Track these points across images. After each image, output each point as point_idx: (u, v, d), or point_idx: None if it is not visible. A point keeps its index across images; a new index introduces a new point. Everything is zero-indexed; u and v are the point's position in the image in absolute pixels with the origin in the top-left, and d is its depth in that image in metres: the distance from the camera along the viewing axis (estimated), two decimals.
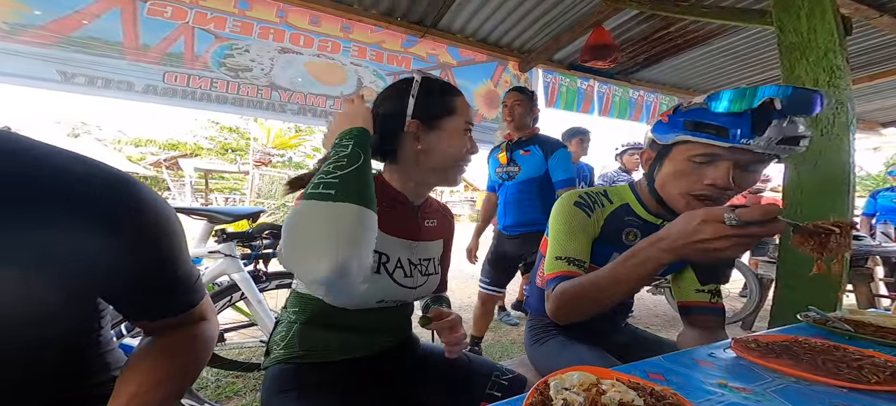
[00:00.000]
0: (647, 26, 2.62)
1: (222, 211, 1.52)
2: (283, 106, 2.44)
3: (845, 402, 0.39)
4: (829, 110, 1.16)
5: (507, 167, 1.77)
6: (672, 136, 0.67)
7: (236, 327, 1.73)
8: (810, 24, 1.19)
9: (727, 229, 0.45)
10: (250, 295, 1.45)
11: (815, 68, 1.18)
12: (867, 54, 2.75)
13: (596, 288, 0.63)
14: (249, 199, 8.35)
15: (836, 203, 1.14)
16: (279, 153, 13.45)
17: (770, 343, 0.56)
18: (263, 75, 2.39)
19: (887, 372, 0.45)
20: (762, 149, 0.58)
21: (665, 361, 0.51)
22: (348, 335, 0.66)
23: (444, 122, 0.65)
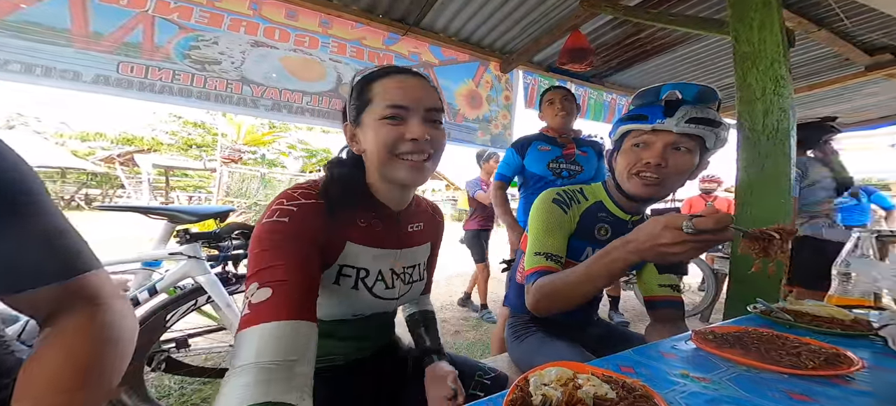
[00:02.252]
0: (620, 31, 2.73)
1: (185, 210, 1.44)
2: (255, 101, 2.33)
3: (788, 387, 0.44)
4: (775, 116, 1.27)
5: (570, 165, 1.75)
6: (617, 131, 0.82)
7: (202, 332, 1.64)
8: (761, 36, 1.30)
9: (684, 236, 0.51)
10: (218, 298, 1.39)
11: (764, 77, 1.29)
12: (807, 66, 3.03)
13: (572, 284, 0.69)
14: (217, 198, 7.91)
15: (779, 203, 1.25)
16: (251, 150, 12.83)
17: (725, 334, 0.61)
18: (234, 69, 2.27)
19: (821, 358, 0.51)
20: (675, 127, 0.71)
21: (634, 354, 0.55)
22: (326, 342, 0.64)
23: (364, 116, 0.59)
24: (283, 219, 0.51)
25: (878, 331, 0.65)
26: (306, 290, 0.48)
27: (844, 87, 3.24)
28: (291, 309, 0.45)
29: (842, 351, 0.53)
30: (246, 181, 8.21)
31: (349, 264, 0.60)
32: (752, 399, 0.41)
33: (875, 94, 3.46)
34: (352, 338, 0.68)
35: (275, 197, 0.55)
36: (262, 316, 0.44)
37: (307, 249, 0.51)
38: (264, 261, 0.48)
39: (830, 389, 0.44)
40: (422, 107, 0.57)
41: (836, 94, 3.50)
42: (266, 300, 0.45)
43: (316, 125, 2.59)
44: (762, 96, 1.28)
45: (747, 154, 1.32)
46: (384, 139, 0.56)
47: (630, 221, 0.86)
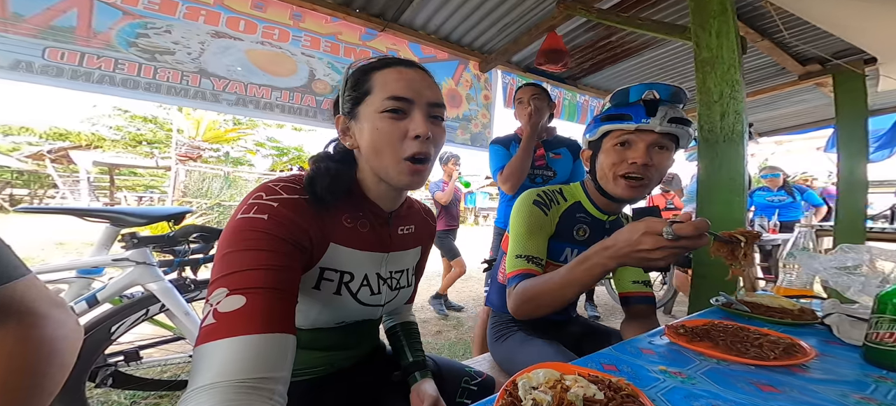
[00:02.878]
0: (593, 34, 2.83)
1: (130, 212, 1.32)
2: (216, 95, 2.16)
3: (755, 379, 0.47)
4: (731, 119, 1.37)
5: (543, 171, 1.67)
6: (597, 131, 0.81)
7: (157, 343, 1.52)
8: (719, 42, 1.38)
9: (664, 241, 0.52)
10: (174, 306, 1.29)
11: (721, 82, 1.38)
12: (750, 73, 3.31)
13: (552, 289, 0.69)
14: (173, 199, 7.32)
15: (734, 200, 1.35)
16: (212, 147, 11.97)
17: (693, 327, 0.64)
18: (191, 60, 2.09)
19: (780, 348, 0.55)
20: (658, 127, 0.73)
21: (615, 352, 0.56)
22: (306, 353, 0.60)
23: (360, 109, 0.54)
24: (261, 215, 0.45)
25: (822, 320, 0.72)
26: (286, 299, 0.43)
27: (780, 94, 3.58)
28: (269, 320, 0.39)
29: (796, 340, 0.58)
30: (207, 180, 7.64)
31: (332, 267, 0.55)
32: (725, 393, 0.44)
33: (806, 101, 3.86)
34: (333, 347, 0.63)
35: (251, 190, 0.49)
36: (232, 327, 0.38)
37: (288, 251, 0.45)
38: (237, 263, 0.42)
39: (792, 379, 0.48)
40: (425, 101, 0.53)
41: (774, 101, 3.86)
42: (237, 309, 0.39)
43: (286, 122, 2.48)
44: (719, 99, 1.37)
45: (706, 155, 1.41)
46: (387, 134, 0.52)
47: (607, 221, 0.89)
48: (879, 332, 0.53)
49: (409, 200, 0.70)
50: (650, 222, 0.54)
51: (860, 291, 0.79)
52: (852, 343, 0.62)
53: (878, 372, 0.51)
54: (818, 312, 0.76)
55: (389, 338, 0.78)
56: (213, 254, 0.48)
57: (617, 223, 0.90)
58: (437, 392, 0.66)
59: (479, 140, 3.26)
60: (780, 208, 3.78)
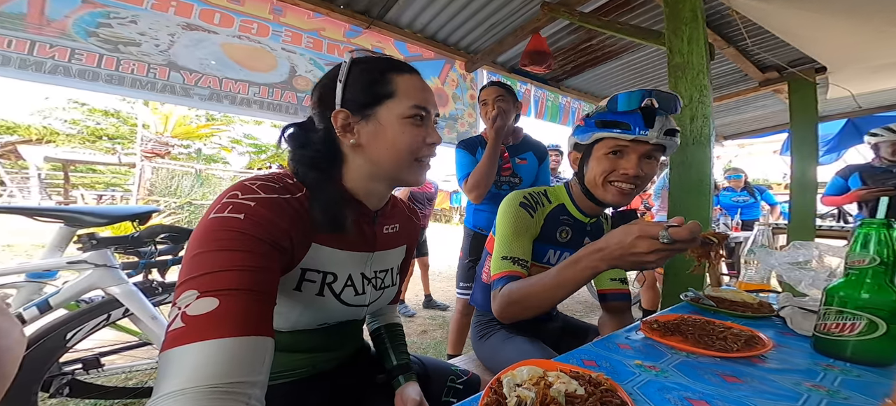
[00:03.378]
0: (575, 37, 2.90)
1: (88, 211, 1.24)
2: (187, 89, 2.05)
3: (721, 370, 0.51)
4: (699, 122, 1.44)
5: (509, 178, 1.60)
6: (590, 136, 0.80)
7: (121, 349, 1.45)
8: (690, 48, 1.46)
9: (659, 245, 0.52)
10: (140, 311, 1.23)
11: (691, 86, 1.46)
12: (717, 79, 3.51)
13: (541, 291, 0.69)
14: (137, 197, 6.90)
15: (701, 200, 1.44)
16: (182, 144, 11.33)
17: (666, 322, 0.68)
18: (158, 52, 1.98)
19: (742, 340, 0.59)
20: (655, 139, 0.72)
21: (595, 347, 0.59)
22: (286, 356, 0.58)
23: (379, 109, 0.54)
24: (236, 215, 0.43)
25: (778, 312, 0.78)
26: (263, 301, 0.41)
27: (743, 99, 3.81)
28: (244, 323, 0.37)
29: (755, 333, 0.63)
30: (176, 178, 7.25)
31: (314, 268, 0.54)
32: (694, 384, 0.47)
33: (765, 106, 4.13)
34: (315, 349, 0.62)
35: (225, 189, 0.47)
36: (203, 331, 0.35)
37: (266, 251, 0.43)
38: (209, 264, 0.39)
39: (752, 369, 0.52)
40: (435, 111, 0.59)
41: (737, 105, 4.10)
42: (209, 312, 0.36)
43: (265, 119, 2.38)
44: (690, 104, 1.45)
45: (677, 156, 1.48)
46: (410, 141, 0.55)
47: (588, 224, 0.91)
48: (827, 323, 0.59)
49: (394, 199, 0.70)
50: (644, 226, 0.55)
51: (810, 285, 0.86)
52: (804, 334, 0.68)
53: (826, 360, 0.56)
54: (774, 305, 0.82)
55: (373, 340, 0.77)
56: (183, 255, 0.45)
57: (597, 225, 0.93)
58: (420, 395, 0.66)
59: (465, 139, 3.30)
60: (743, 208, 4.03)
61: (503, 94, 1.55)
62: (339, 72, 0.55)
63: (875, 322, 0.54)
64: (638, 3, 2.33)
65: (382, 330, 0.76)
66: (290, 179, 0.52)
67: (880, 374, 0.51)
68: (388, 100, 0.54)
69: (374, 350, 0.77)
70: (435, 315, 3.05)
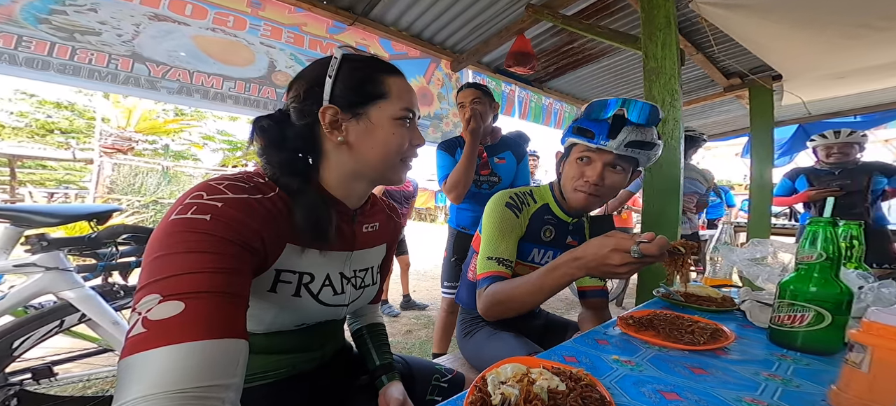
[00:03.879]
0: (558, 39, 2.96)
1: (38, 210, 1.17)
2: (154, 82, 1.94)
3: (689, 363, 0.54)
4: (671, 125, 1.52)
5: (488, 177, 1.63)
6: (567, 140, 0.86)
7: (78, 356, 1.37)
8: (663, 53, 1.53)
9: (630, 258, 0.57)
10: (98, 316, 1.16)
11: (664, 90, 1.53)
12: (687, 84, 3.69)
13: (522, 294, 0.73)
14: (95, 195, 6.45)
15: (671, 200, 1.51)
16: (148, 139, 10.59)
17: (640, 317, 0.72)
18: (121, 42, 1.85)
19: (708, 334, 0.63)
20: (615, 149, 0.76)
21: (575, 344, 0.61)
22: (262, 358, 0.57)
23: (371, 109, 0.54)
24: (202, 215, 0.41)
25: (739, 306, 0.84)
26: (234, 303, 0.39)
27: (708, 104, 4.03)
28: (213, 326, 0.36)
29: (719, 326, 0.67)
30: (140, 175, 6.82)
31: (289, 269, 0.52)
32: (666, 377, 0.50)
33: (729, 111, 4.38)
34: (293, 350, 0.61)
35: (188, 189, 0.45)
36: (168, 335, 0.34)
37: (236, 253, 0.42)
38: (172, 267, 0.37)
39: (717, 361, 0.56)
40: (418, 114, 0.61)
41: (703, 110, 4.33)
42: (175, 316, 0.35)
43: (241, 114, 2.27)
44: (662, 107, 1.52)
45: None
46: (400, 142, 0.56)
47: (571, 224, 0.94)
48: (780, 316, 0.64)
49: (374, 198, 0.69)
50: (618, 240, 0.59)
51: (766, 280, 0.93)
52: (761, 326, 0.73)
53: (780, 351, 0.61)
54: (736, 300, 0.88)
55: (355, 341, 0.77)
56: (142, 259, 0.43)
57: (579, 226, 0.97)
58: (404, 395, 0.66)
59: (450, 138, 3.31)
60: (709, 207, 4.27)
61: (479, 97, 1.57)
62: (329, 67, 0.54)
63: (822, 313, 0.59)
64: (617, 7, 2.41)
65: (364, 330, 0.75)
66: (262, 179, 0.51)
67: (827, 362, 0.56)
68: (380, 100, 0.55)
69: (356, 350, 0.77)
70: (419, 315, 3.05)
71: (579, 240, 0.96)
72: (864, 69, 2.23)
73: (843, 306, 0.59)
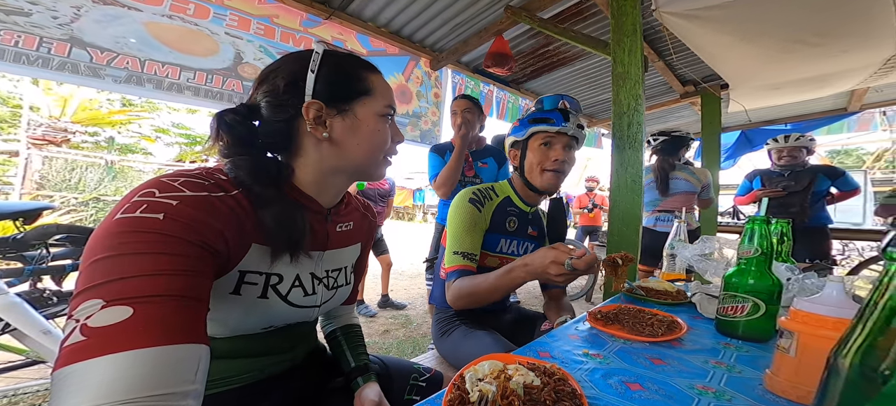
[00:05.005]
0: (535, 42, 3.03)
1: None
2: (96, 69, 1.77)
3: (650, 354, 0.59)
4: (634, 128, 1.61)
5: (472, 179, 1.85)
6: (525, 132, 0.97)
7: (1, 370, 1.26)
8: (630, 59, 1.62)
9: (564, 270, 0.71)
10: (25, 324, 1.07)
11: (629, 95, 1.62)
12: (648, 90, 3.92)
13: (484, 291, 0.84)
14: (21, 192, 5.75)
15: (634, 199, 1.61)
16: (87, 131, 9.50)
17: (607, 312, 0.76)
18: (57, 26, 1.67)
19: (664, 326, 0.68)
20: (570, 131, 0.93)
21: (548, 339, 0.64)
22: (227, 363, 0.54)
23: (356, 105, 0.54)
24: (154, 214, 0.38)
25: (690, 298, 0.91)
26: (191, 307, 0.37)
27: (666, 109, 4.32)
28: (166, 331, 0.33)
29: (674, 318, 0.73)
30: (78, 170, 6.16)
31: (255, 270, 0.49)
32: (630, 368, 0.54)
33: (683, 116, 4.72)
34: (261, 354, 0.58)
35: (136, 187, 0.41)
36: (113, 342, 0.31)
37: (195, 254, 0.39)
38: (117, 270, 0.34)
39: (672, 351, 0.60)
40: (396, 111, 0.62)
41: (662, 115, 4.63)
42: (121, 322, 0.32)
43: (202, 107, 2.13)
44: (627, 111, 1.61)
45: (617, 159, 1.65)
46: (385, 138, 0.58)
47: (529, 213, 1.05)
48: (725, 307, 0.70)
49: (348, 197, 0.68)
50: (558, 253, 0.72)
51: (714, 274, 1.02)
52: (710, 316, 0.81)
53: (726, 339, 0.68)
54: (688, 293, 0.96)
55: (329, 343, 0.75)
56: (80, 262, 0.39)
57: (535, 215, 1.08)
58: (380, 396, 0.65)
59: (429, 137, 3.29)
60: None
61: (471, 107, 1.82)
62: (310, 62, 0.52)
63: (758, 304, 0.66)
64: (589, 13, 2.52)
65: (338, 332, 0.74)
66: (223, 175, 0.47)
67: (763, 349, 0.63)
68: (365, 96, 0.55)
69: (330, 352, 0.75)
70: (397, 315, 3.02)
71: (537, 229, 1.08)
72: (797, 81, 2.48)
73: (774, 296, 0.66)
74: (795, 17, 1.72)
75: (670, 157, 2.43)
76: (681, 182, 2.40)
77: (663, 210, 2.41)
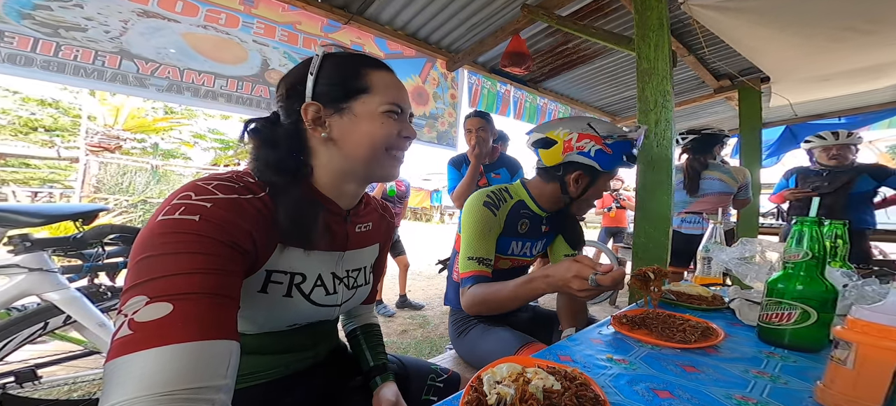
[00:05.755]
0: (552, 40, 2.97)
1: (20, 210, 1.15)
2: (142, 79, 1.91)
3: (681, 361, 0.55)
4: (662, 126, 1.54)
5: None
6: (613, 166, 0.92)
7: (63, 359, 1.35)
8: (656, 54, 1.55)
9: (587, 285, 0.66)
10: (84, 317, 1.15)
11: (656, 91, 1.55)
12: (678, 85, 3.74)
13: (501, 299, 0.82)
14: (80, 195, 6.31)
15: (664, 201, 1.54)
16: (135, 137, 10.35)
17: (633, 316, 0.73)
18: (108, 39, 1.82)
19: (698, 332, 0.64)
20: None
21: (569, 343, 0.62)
22: (253, 359, 0.56)
23: (354, 104, 0.54)
24: (190, 216, 0.41)
25: (728, 304, 0.85)
26: (225, 305, 0.39)
27: (698, 106, 4.09)
28: (202, 327, 0.36)
29: (710, 324, 0.68)
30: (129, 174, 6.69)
31: (281, 269, 0.52)
32: (659, 375, 0.51)
33: (717, 113, 4.45)
34: (285, 351, 0.60)
35: (176, 190, 0.44)
36: (156, 337, 0.33)
37: (227, 254, 0.42)
38: (159, 268, 0.37)
39: (707, 359, 0.56)
40: (409, 111, 0.60)
41: (693, 111, 4.40)
42: (163, 317, 0.35)
43: (233, 113, 2.25)
44: (654, 107, 1.54)
45: (644, 157, 1.58)
46: (386, 134, 0.55)
47: (545, 217, 1.02)
48: (768, 314, 0.65)
49: (367, 197, 0.69)
50: (580, 268, 0.67)
51: (755, 278, 0.95)
52: (750, 323, 0.75)
53: (769, 348, 0.63)
54: (725, 298, 0.90)
55: (350, 341, 0.76)
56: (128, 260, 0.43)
57: (550, 218, 1.05)
58: (397, 396, 0.66)
59: (445, 138, 3.29)
60: None
61: (484, 125, 1.92)
62: (310, 65, 0.54)
63: (808, 311, 0.60)
64: (611, 8, 2.43)
65: (358, 331, 0.75)
66: (252, 178, 0.50)
67: (813, 359, 0.58)
68: (363, 94, 0.55)
69: (350, 351, 0.76)
70: (415, 315, 3.04)
71: (553, 227, 1.05)
72: (849, 71, 2.28)
73: (828, 304, 0.61)
74: (842, 4, 1.59)
75: (702, 155, 2.28)
76: (714, 182, 2.23)
77: (691, 211, 2.26)
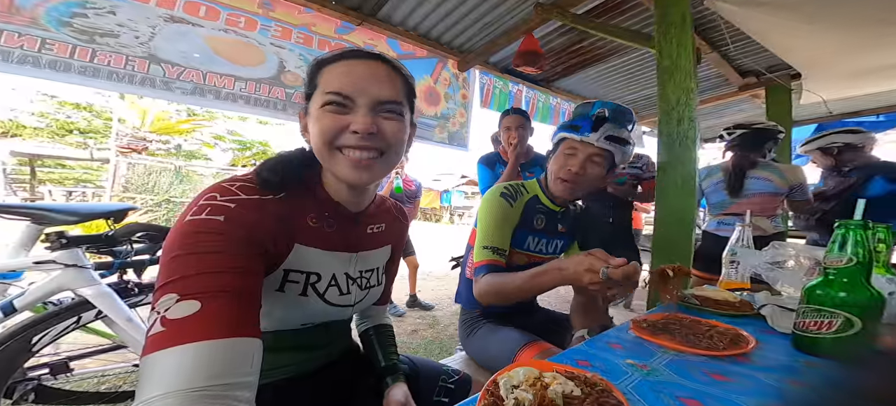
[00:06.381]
0: (567, 39, 2.93)
1: (57, 209, 1.20)
2: (168, 83, 1.99)
3: (708, 369, 0.52)
4: (685, 125, 1.48)
5: None
6: (556, 136, 0.95)
7: (93, 352, 1.40)
8: (678, 51, 1.51)
9: (599, 278, 0.65)
10: (114, 312, 1.19)
11: (678, 89, 1.50)
12: (701, 83, 3.61)
13: (514, 289, 0.82)
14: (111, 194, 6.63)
15: (686, 198, 1.48)
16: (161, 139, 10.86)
17: (655, 321, 0.70)
18: (138, 44, 1.91)
19: (727, 339, 0.61)
20: (595, 141, 0.86)
21: (587, 347, 0.60)
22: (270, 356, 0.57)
23: (311, 104, 0.54)
24: (216, 216, 0.42)
25: (759, 310, 0.81)
26: (248, 303, 0.41)
27: (722, 104, 3.94)
28: (228, 325, 0.37)
29: (739, 331, 0.65)
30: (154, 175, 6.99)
31: (297, 269, 0.53)
32: (684, 382, 0.48)
33: (742, 111, 4.28)
34: (300, 349, 0.62)
35: (202, 191, 0.46)
36: (185, 334, 0.35)
37: (249, 253, 0.43)
38: (188, 267, 0.39)
39: (737, 367, 0.53)
40: (370, 97, 0.51)
41: (717, 110, 4.24)
42: (192, 315, 0.36)
43: (251, 115, 2.34)
44: (676, 106, 1.49)
45: (665, 156, 1.53)
46: (322, 130, 0.51)
47: (558, 213, 1.02)
48: (805, 321, 0.61)
49: (380, 198, 0.70)
50: (593, 261, 0.67)
51: (787, 284, 0.90)
52: (784, 331, 0.71)
53: (805, 357, 0.59)
54: (754, 304, 0.85)
55: (362, 341, 0.77)
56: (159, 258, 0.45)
57: (566, 214, 1.05)
58: (406, 397, 0.66)
59: (457, 139, 3.29)
60: None
61: (524, 123, 1.84)
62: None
63: (851, 319, 0.56)
64: (629, 5, 2.37)
65: (371, 331, 0.76)
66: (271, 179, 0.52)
67: None
68: (315, 92, 0.54)
69: (363, 351, 0.77)
70: (425, 315, 3.05)
71: (569, 227, 1.05)
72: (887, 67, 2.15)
73: (874, 312, 0.56)
74: None
75: (751, 153, 1.96)
76: (759, 182, 1.97)
77: (731, 213, 2.08)
